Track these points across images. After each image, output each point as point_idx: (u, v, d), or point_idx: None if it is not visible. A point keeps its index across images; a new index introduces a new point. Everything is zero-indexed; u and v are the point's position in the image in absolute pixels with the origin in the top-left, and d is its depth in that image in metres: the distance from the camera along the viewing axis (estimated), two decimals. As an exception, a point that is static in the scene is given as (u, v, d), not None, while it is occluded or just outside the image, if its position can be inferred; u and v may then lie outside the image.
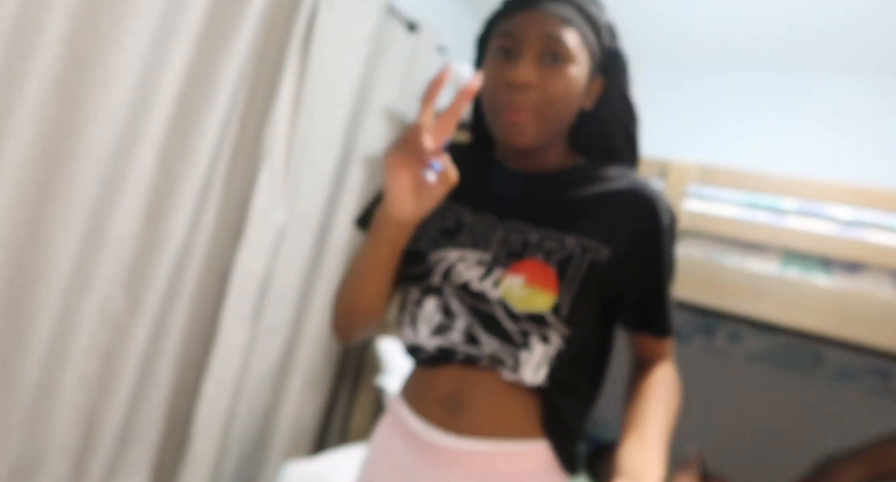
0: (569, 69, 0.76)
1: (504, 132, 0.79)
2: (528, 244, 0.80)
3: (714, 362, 1.96)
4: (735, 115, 2.16)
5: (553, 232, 0.79)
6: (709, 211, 1.38)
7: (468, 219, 0.84)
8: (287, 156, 1.38)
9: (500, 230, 0.82)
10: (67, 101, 0.97)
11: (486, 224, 0.83)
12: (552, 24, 0.76)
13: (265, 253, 1.37)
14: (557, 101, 0.77)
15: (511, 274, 0.77)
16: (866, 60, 1.93)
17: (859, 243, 1.21)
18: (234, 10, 1.18)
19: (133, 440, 1.26)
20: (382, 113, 1.76)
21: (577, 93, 0.79)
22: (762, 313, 1.25)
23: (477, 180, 0.88)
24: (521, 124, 0.77)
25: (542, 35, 0.76)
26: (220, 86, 1.19)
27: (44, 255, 0.98)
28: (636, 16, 2.06)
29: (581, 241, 0.78)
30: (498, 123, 0.80)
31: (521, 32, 0.77)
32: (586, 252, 0.77)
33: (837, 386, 1.78)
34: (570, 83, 0.77)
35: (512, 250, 0.79)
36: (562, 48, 0.76)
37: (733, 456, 1.82)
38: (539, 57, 0.77)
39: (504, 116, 0.78)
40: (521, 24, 0.78)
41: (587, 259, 0.77)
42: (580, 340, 0.77)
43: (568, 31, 0.77)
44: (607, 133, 0.86)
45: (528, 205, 0.83)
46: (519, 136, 0.77)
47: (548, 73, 0.76)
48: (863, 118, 1.96)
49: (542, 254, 0.78)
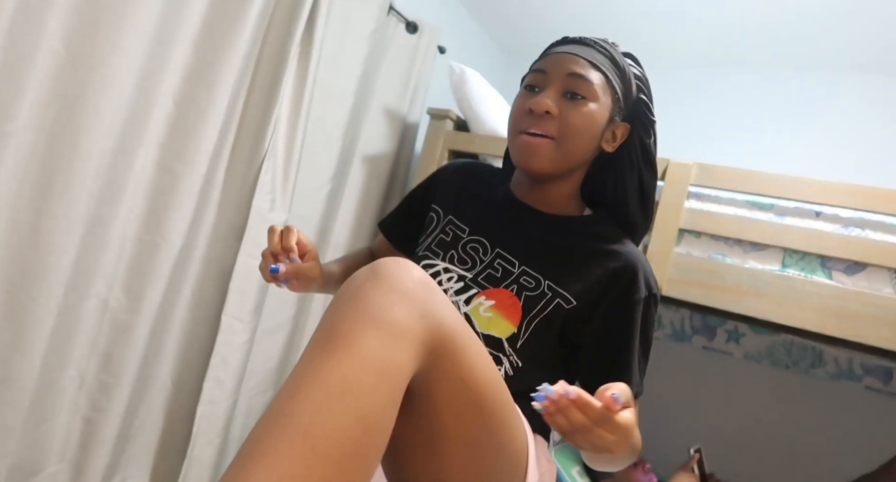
0: (589, 106, 0.81)
1: (519, 154, 0.84)
2: (507, 275, 0.84)
3: (714, 362, 1.96)
4: (735, 115, 2.16)
5: (534, 270, 0.84)
6: (709, 211, 1.38)
7: (465, 236, 0.90)
8: (287, 156, 1.38)
9: (489, 255, 0.87)
10: (67, 101, 0.97)
11: (478, 246, 0.89)
12: (579, 64, 0.81)
13: (265, 253, 1.37)
14: (574, 133, 0.81)
15: (483, 296, 0.83)
16: (866, 60, 1.93)
17: (859, 243, 1.22)
18: (234, 10, 1.18)
19: (133, 440, 1.26)
20: (382, 113, 1.75)
21: (596, 130, 0.83)
22: (762, 313, 1.25)
23: (486, 204, 0.95)
24: (537, 147, 0.81)
25: (568, 72, 0.81)
26: (220, 86, 1.18)
27: (44, 255, 0.98)
28: (636, 17, 2.06)
29: (554, 288, 0.82)
30: (515, 146, 0.85)
31: (549, 69, 0.83)
32: (555, 296, 0.82)
33: (837, 385, 1.78)
34: (589, 119, 0.81)
35: (492, 276, 0.85)
36: (584, 86, 0.80)
37: (733, 455, 1.82)
38: (562, 92, 0.81)
39: (522, 139, 0.83)
40: (550, 63, 0.84)
41: (554, 303, 0.81)
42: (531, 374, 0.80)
43: (593, 72, 0.81)
44: (622, 184, 0.89)
45: (521, 239, 0.88)
46: (533, 159, 0.82)
47: (568, 107, 0.81)
48: (862, 118, 1.96)
49: (516, 287, 0.83)
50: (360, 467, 0.50)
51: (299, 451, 0.47)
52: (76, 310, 1.07)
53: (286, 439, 0.47)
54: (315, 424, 0.48)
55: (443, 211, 0.96)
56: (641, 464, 1.54)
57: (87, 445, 1.15)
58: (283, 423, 0.49)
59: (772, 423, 1.85)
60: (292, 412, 0.49)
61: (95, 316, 1.12)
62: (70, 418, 1.13)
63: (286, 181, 1.38)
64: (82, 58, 0.97)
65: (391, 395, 0.54)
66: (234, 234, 1.34)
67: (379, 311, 0.55)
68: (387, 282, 0.58)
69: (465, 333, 0.65)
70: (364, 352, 0.52)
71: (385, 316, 0.55)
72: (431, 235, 0.93)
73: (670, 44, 2.19)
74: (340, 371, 0.51)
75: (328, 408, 0.49)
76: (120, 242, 1.13)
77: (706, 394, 1.97)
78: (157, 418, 1.30)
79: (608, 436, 0.57)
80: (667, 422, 2.00)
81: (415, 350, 0.56)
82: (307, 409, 0.49)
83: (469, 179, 0.99)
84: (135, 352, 1.17)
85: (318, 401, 0.50)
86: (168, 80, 1.13)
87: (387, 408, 0.53)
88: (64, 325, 1.06)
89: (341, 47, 1.51)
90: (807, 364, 1.81)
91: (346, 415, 0.50)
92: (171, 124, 1.16)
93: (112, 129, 1.03)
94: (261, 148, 1.32)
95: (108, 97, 1.00)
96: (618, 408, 0.56)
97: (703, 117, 2.21)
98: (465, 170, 1.02)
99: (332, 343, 0.53)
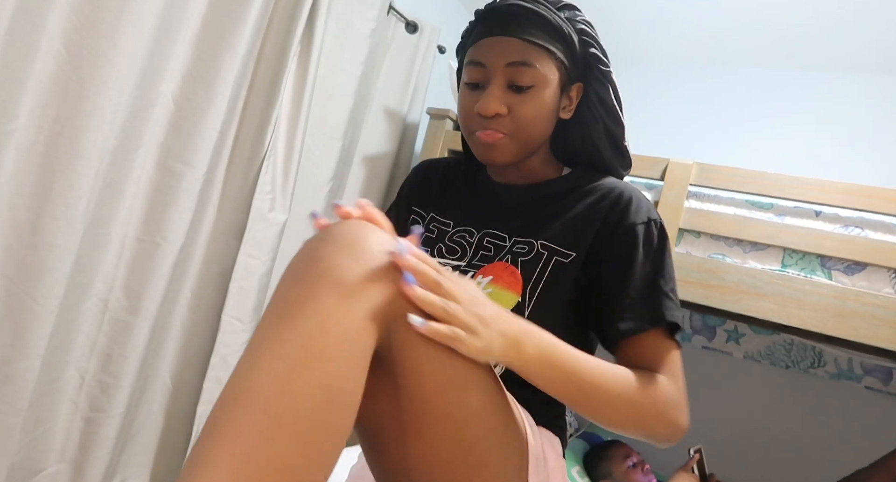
0: (537, 94, 0.78)
1: (479, 152, 0.82)
2: (500, 249, 0.82)
3: (714, 362, 1.96)
4: (735, 115, 2.16)
5: (524, 237, 0.81)
6: (708, 210, 1.38)
7: (450, 230, 0.89)
8: (287, 156, 1.38)
9: (476, 237, 0.85)
10: (67, 101, 0.97)
11: (465, 233, 0.87)
12: (516, 50, 0.77)
13: (265, 253, 1.37)
14: (529, 125, 0.79)
15: (479, 275, 0.80)
16: (865, 60, 1.93)
17: (859, 243, 1.22)
18: (234, 10, 1.18)
19: (133, 440, 1.26)
20: (382, 113, 1.75)
21: (549, 112, 0.81)
22: (762, 313, 1.25)
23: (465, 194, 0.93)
24: (494, 144, 0.79)
25: (507, 63, 0.77)
26: (220, 86, 1.18)
27: (44, 255, 0.98)
28: (636, 17, 2.06)
29: (548, 245, 0.79)
30: (472, 144, 0.83)
31: (488, 62, 0.79)
32: (552, 254, 0.78)
33: (837, 385, 1.78)
34: (541, 106, 0.79)
35: (485, 255, 0.83)
36: (528, 74, 0.77)
37: (733, 455, 1.82)
38: (506, 85, 0.78)
39: (478, 139, 0.80)
40: (487, 54, 0.79)
41: (552, 261, 0.78)
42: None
43: (533, 54, 0.77)
44: (589, 139, 0.86)
45: (505, 215, 0.86)
46: (493, 155, 0.81)
47: (516, 100, 0.78)
48: (862, 118, 1.96)
49: (510, 257, 0.80)
50: (329, 439, 0.48)
51: (262, 427, 0.44)
52: (76, 310, 1.07)
53: (247, 416, 0.45)
54: (276, 397, 0.46)
55: (424, 211, 0.95)
56: (641, 465, 1.54)
57: (87, 445, 1.15)
58: (242, 399, 0.46)
59: (772, 423, 1.85)
60: (251, 386, 0.47)
61: (95, 316, 1.12)
62: (70, 418, 1.12)
63: (286, 181, 1.38)
64: (82, 58, 0.97)
65: (356, 361, 0.51)
66: (234, 233, 1.34)
67: (337, 272, 0.51)
68: (344, 241, 0.54)
69: None
70: (323, 317, 0.49)
71: (344, 276, 0.51)
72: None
73: (671, 43, 2.20)
74: (299, 338, 0.48)
75: (289, 379, 0.46)
76: (120, 242, 1.13)
77: (706, 395, 1.97)
78: (157, 418, 1.30)
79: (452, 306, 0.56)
80: (667, 422, 2.00)
81: (380, 311, 0.52)
82: (267, 382, 0.46)
83: (441, 175, 0.98)
84: (135, 352, 1.17)
85: (278, 373, 0.47)
86: (168, 80, 1.13)
87: (353, 374, 0.50)
88: (64, 325, 1.06)
89: (341, 47, 1.51)
90: (807, 364, 1.81)
91: (309, 384, 0.47)
92: (171, 124, 1.16)
93: (112, 129, 1.03)
94: (261, 148, 1.32)
95: (108, 97, 1.00)
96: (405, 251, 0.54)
97: (703, 117, 2.21)
98: (433, 168, 1.00)
99: (289, 308, 0.50)
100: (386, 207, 1.05)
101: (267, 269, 1.38)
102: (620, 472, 1.52)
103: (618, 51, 2.32)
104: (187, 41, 1.15)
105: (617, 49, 2.31)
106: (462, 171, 0.98)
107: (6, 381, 0.98)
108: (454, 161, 1.01)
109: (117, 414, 1.17)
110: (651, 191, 1.47)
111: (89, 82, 0.98)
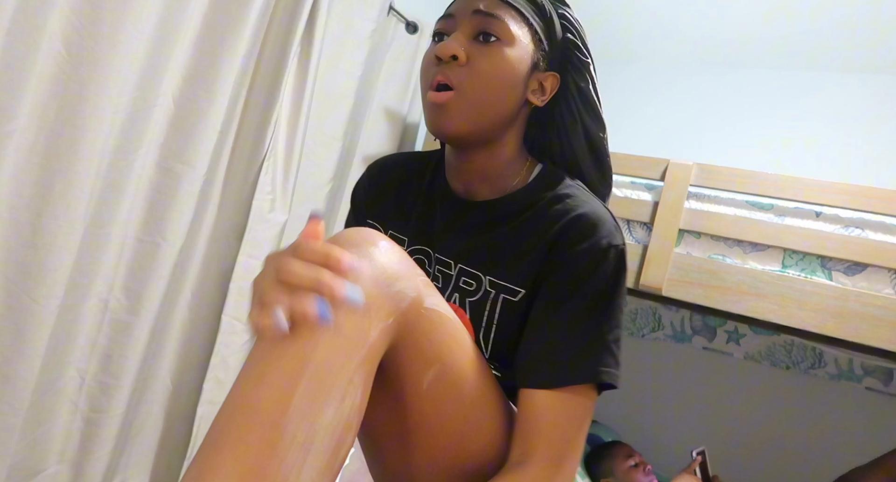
0: (504, 50, 0.70)
1: (429, 118, 0.72)
2: (447, 281, 0.75)
3: (714, 363, 1.96)
4: (735, 116, 2.16)
5: (473, 268, 0.74)
6: (709, 211, 1.38)
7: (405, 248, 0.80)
8: (287, 156, 1.38)
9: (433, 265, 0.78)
10: (67, 101, 0.97)
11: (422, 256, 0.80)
12: (487, 1, 0.71)
13: (265, 253, 1.37)
14: (487, 82, 0.70)
15: None
16: (865, 60, 1.93)
17: (859, 243, 1.22)
18: (234, 10, 1.18)
19: (133, 440, 1.26)
20: (382, 113, 1.75)
21: (513, 77, 0.71)
22: (762, 313, 1.25)
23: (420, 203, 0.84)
24: (443, 104, 0.69)
25: (475, 11, 0.70)
26: (220, 86, 1.18)
27: (44, 255, 0.98)
28: (636, 17, 2.06)
29: (496, 282, 0.72)
30: (426, 114, 0.73)
31: (456, 11, 0.73)
32: (499, 293, 0.71)
33: (837, 386, 1.78)
34: (505, 64, 0.70)
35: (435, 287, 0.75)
36: (496, 26, 0.70)
37: (733, 455, 1.82)
38: (472, 35, 0.71)
39: (429, 100, 0.71)
40: (457, 5, 0.74)
41: (499, 300, 0.71)
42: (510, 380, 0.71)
43: (504, 9, 0.71)
44: (568, 144, 0.79)
45: (457, 234, 0.77)
46: (442, 119, 0.70)
47: (479, 51, 0.70)
48: (863, 118, 1.96)
49: (458, 295, 0.73)
50: (333, 450, 0.47)
51: (266, 439, 0.44)
52: (76, 310, 1.07)
53: (251, 427, 0.44)
54: (280, 409, 0.45)
55: (381, 225, 0.86)
56: (643, 466, 1.54)
57: (87, 445, 1.15)
58: (246, 410, 0.45)
59: (772, 424, 1.85)
60: (257, 399, 0.46)
61: (95, 316, 1.12)
62: (70, 418, 1.12)
63: (286, 181, 1.38)
64: (82, 58, 0.97)
65: (361, 373, 0.50)
66: (235, 234, 1.34)
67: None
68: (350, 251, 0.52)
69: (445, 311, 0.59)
70: (325, 330, 0.48)
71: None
72: None
73: (671, 43, 2.19)
74: (304, 350, 0.47)
75: (293, 392, 0.45)
76: (120, 242, 1.13)
77: (706, 395, 1.97)
78: (157, 418, 1.30)
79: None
80: (667, 423, 2.00)
81: (383, 322, 0.51)
82: (271, 394, 0.46)
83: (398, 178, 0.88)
84: (135, 352, 1.17)
85: (282, 385, 0.46)
86: (168, 80, 1.13)
87: (357, 386, 0.49)
88: (64, 325, 1.06)
89: (341, 47, 1.51)
90: (807, 364, 1.81)
91: (314, 397, 0.46)
92: (171, 124, 1.16)
93: (112, 129, 1.03)
94: (261, 148, 1.32)
95: (108, 97, 1.00)
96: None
97: (703, 117, 2.21)
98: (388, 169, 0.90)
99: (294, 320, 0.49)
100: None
101: (267, 270, 1.38)
102: (622, 471, 1.52)
103: (618, 51, 2.32)
104: (187, 41, 1.15)
105: (617, 49, 2.31)
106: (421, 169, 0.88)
107: (6, 381, 0.98)
108: (414, 158, 0.90)
109: (117, 414, 1.17)
110: (651, 191, 1.47)
111: (89, 82, 0.98)
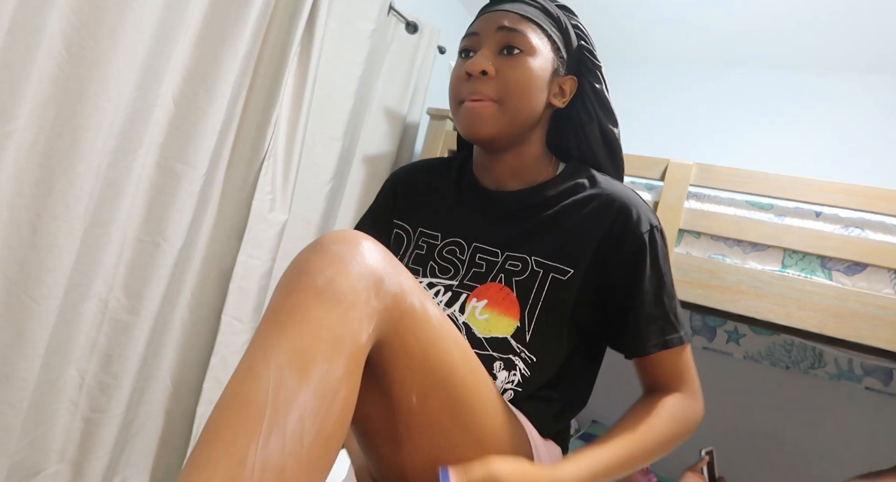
0: (528, 60, 0.76)
1: (465, 124, 0.78)
2: (492, 266, 0.78)
3: (714, 362, 1.96)
4: (735, 116, 2.16)
5: (517, 252, 0.77)
6: (709, 211, 1.38)
7: (438, 243, 0.84)
8: (287, 156, 1.38)
9: (467, 253, 0.81)
10: (67, 101, 0.97)
11: (455, 247, 0.82)
12: (509, 18, 0.77)
13: (265, 253, 1.37)
14: (517, 90, 0.76)
15: (473, 298, 0.77)
16: (865, 60, 1.93)
17: (859, 243, 1.22)
18: (235, 10, 1.18)
19: (133, 440, 1.26)
20: (382, 113, 1.75)
21: (539, 84, 0.77)
22: (762, 313, 1.25)
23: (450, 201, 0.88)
24: (480, 111, 0.76)
25: (499, 27, 0.77)
26: (220, 86, 1.18)
27: (44, 255, 0.98)
28: (637, 17, 2.06)
29: (542, 262, 0.75)
30: (459, 117, 0.80)
31: (480, 30, 0.79)
32: (547, 272, 0.74)
33: (837, 386, 1.78)
34: (531, 73, 0.76)
35: (477, 273, 0.78)
36: (519, 39, 0.76)
37: (732, 456, 1.82)
38: (497, 49, 0.77)
39: (465, 108, 0.77)
40: (481, 23, 0.80)
41: (548, 279, 0.74)
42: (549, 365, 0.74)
43: (525, 24, 0.77)
44: (584, 138, 0.85)
45: (495, 224, 0.81)
46: (479, 125, 0.76)
47: (506, 63, 0.76)
48: (862, 118, 1.96)
49: (504, 276, 0.76)
50: (324, 442, 0.49)
51: (258, 432, 0.45)
52: (76, 310, 1.08)
53: (243, 421, 0.46)
54: (271, 402, 0.47)
55: (410, 225, 0.90)
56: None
57: (87, 445, 1.15)
58: (237, 405, 0.47)
59: (771, 424, 1.85)
60: (249, 392, 0.48)
61: (95, 316, 1.12)
62: (70, 418, 1.12)
63: (286, 181, 1.38)
64: (82, 58, 0.97)
65: (348, 366, 0.51)
66: (235, 234, 1.34)
67: (325, 281, 0.52)
68: (332, 251, 0.55)
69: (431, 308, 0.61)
70: (313, 324, 0.50)
71: (332, 285, 0.52)
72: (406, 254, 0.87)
73: (671, 44, 2.19)
74: (292, 345, 0.49)
75: (282, 385, 0.48)
76: (120, 242, 1.13)
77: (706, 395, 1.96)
78: (157, 418, 1.30)
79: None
80: (667, 423, 1.99)
81: (369, 318, 0.54)
82: (261, 388, 0.47)
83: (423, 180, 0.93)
84: (135, 352, 1.17)
85: (272, 379, 0.48)
86: (168, 80, 1.13)
87: (345, 380, 0.51)
88: (64, 325, 1.06)
89: (341, 47, 1.51)
90: (807, 364, 1.81)
91: (302, 390, 0.48)
92: (171, 124, 1.16)
93: (112, 129, 1.03)
94: (261, 148, 1.32)
95: (108, 97, 1.00)
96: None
97: (703, 117, 2.21)
98: (412, 175, 0.96)
99: (281, 318, 0.52)
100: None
101: (267, 270, 1.38)
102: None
103: (618, 51, 2.32)
104: (187, 41, 1.15)
105: (617, 49, 2.31)
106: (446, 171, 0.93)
107: (6, 381, 0.98)
108: (437, 162, 0.97)
109: (117, 414, 1.17)
110: (651, 191, 1.47)
111: (89, 82, 0.98)
